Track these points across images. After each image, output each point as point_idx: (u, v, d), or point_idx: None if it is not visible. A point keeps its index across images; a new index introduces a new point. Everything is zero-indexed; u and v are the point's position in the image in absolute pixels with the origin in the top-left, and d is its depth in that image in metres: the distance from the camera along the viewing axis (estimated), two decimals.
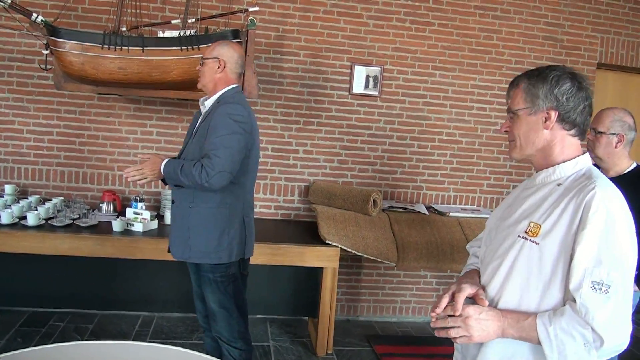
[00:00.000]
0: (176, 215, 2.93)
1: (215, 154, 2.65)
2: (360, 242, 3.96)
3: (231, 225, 2.86)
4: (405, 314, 4.89)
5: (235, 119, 2.73)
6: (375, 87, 4.60)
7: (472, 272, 1.84)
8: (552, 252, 1.55)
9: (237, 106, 2.78)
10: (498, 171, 4.88)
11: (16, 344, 3.85)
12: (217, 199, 2.80)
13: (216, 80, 2.87)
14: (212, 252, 2.82)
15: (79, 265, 4.21)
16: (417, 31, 4.62)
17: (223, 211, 2.83)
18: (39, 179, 4.44)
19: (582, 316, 1.46)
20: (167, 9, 4.33)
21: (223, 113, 2.73)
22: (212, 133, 2.71)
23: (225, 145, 2.68)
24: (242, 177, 2.85)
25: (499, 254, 1.69)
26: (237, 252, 2.89)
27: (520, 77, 1.71)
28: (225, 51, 2.88)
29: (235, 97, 2.86)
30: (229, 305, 2.91)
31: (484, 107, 4.79)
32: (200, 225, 2.82)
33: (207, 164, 2.63)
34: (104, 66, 3.70)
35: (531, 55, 4.79)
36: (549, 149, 1.67)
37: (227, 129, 2.71)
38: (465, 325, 1.58)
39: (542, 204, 1.63)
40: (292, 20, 4.49)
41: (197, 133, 2.85)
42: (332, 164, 4.68)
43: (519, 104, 1.68)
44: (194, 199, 2.81)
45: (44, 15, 3.74)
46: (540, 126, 1.65)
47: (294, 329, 4.49)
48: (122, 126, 4.45)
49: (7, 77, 4.31)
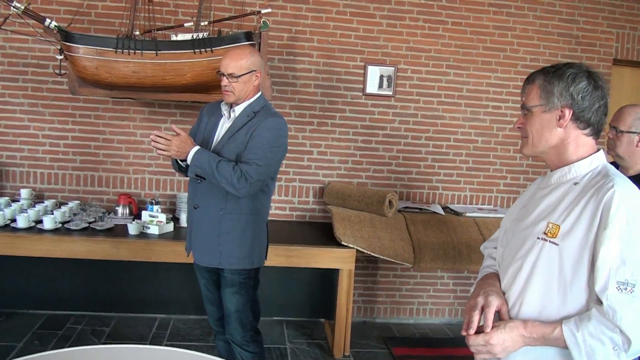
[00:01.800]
0: (203, 222, 2.89)
1: (257, 163, 2.70)
2: (376, 243, 3.93)
3: (261, 230, 2.95)
4: (422, 316, 4.86)
5: (281, 134, 2.82)
6: (389, 87, 4.58)
7: (492, 277, 1.80)
8: (572, 252, 1.53)
9: (281, 120, 2.86)
10: (515, 170, 4.83)
11: (33, 346, 3.88)
12: (250, 205, 2.84)
13: (251, 90, 2.85)
14: (245, 257, 2.86)
15: (95, 268, 4.24)
16: (430, 30, 4.59)
17: (255, 217, 2.89)
18: (55, 183, 4.46)
19: (609, 318, 1.44)
20: (180, 12, 4.34)
21: (270, 127, 2.78)
22: (257, 142, 2.74)
23: (267, 157, 2.75)
24: (271, 184, 2.94)
25: (518, 256, 1.66)
26: (263, 256, 2.99)
27: (536, 73, 1.69)
28: (257, 60, 2.84)
29: (269, 107, 2.93)
30: (245, 308, 2.93)
31: (499, 105, 4.74)
32: (233, 232, 2.83)
33: (247, 171, 2.67)
34: (118, 70, 3.71)
35: (546, 52, 4.73)
36: (563, 147, 1.65)
37: (273, 142, 2.78)
38: (490, 352, 1.58)
39: (560, 204, 1.61)
40: (304, 22, 4.48)
41: (232, 138, 2.81)
42: (347, 164, 4.66)
43: (533, 100, 1.66)
44: (225, 205, 2.81)
45: (58, 20, 3.76)
46: (554, 124, 1.63)
47: (310, 331, 4.47)
48: (137, 129, 4.47)
49: (21, 83, 4.35)
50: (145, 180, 4.52)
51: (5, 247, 3.67)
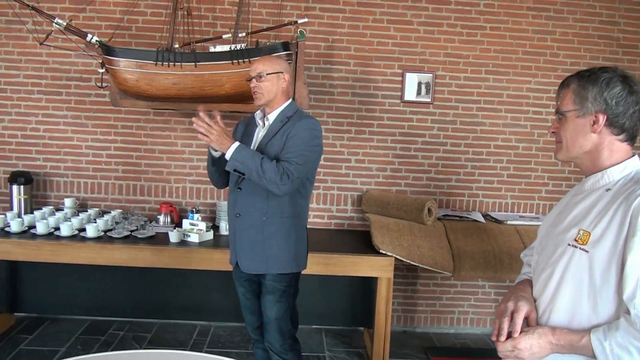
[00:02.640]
0: (246, 229, 2.90)
1: (297, 161, 2.73)
2: (415, 252, 3.89)
3: (302, 234, 2.98)
4: (463, 325, 4.79)
5: (316, 135, 2.87)
6: (427, 94, 4.55)
7: (524, 284, 1.80)
8: (601, 260, 1.50)
9: (316, 121, 2.90)
10: (556, 177, 4.73)
11: (76, 351, 3.98)
12: (291, 209, 2.87)
13: (279, 94, 2.91)
14: (291, 261, 2.90)
15: (137, 276, 4.33)
16: (468, 36, 4.55)
17: (297, 221, 2.93)
18: (97, 192, 4.57)
19: (637, 328, 1.41)
20: (219, 24, 4.40)
21: (306, 127, 2.82)
22: (293, 142, 2.78)
23: (306, 155, 2.78)
24: (309, 187, 2.97)
25: (550, 262, 1.65)
26: (305, 260, 3.02)
27: (571, 78, 1.67)
28: (283, 64, 2.93)
29: (302, 110, 2.98)
30: (285, 316, 2.94)
31: (540, 110, 4.65)
32: (277, 236, 2.86)
33: (287, 168, 2.70)
34: (158, 82, 3.79)
35: (587, 55, 4.62)
36: (597, 153, 1.62)
37: (310, 141, 2.82)
38: (517, 357, 1.58)
39: (591, 211, 1.59)
40: (341, 30, 4.49)
41: (268, 143, 2.85)
42: (385, 172, 4.64)
43: (567, 105, 1.65)
44: (267, 210, 2.84)
45: (99, 35, 3.87)
46: (588, 129, 1.61)
47: (349, 340, 4.46)
48: (178, 139, 4.55)
49: (65, 96, 4.48)
50: (186, 189, 4.59)
51: (50, 255, 3.76)
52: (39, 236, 3.83)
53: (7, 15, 4.33)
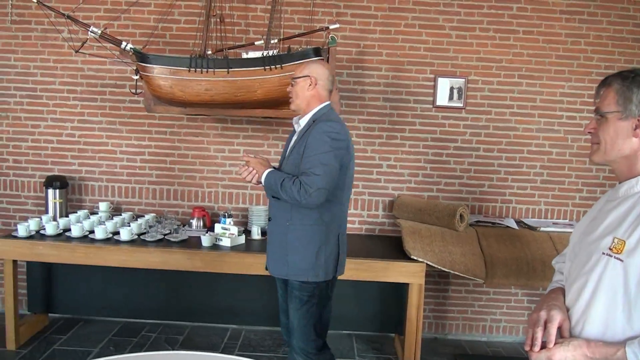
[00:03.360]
0: (274, 233, 2.97)
1: (314, 171, 2.69)
2: (446, 258, 3.86)
3: (327, 242, 2.89)
4: (495, 333, 4.73)
5: (332, 137, 2.77)
6: (459, 98, 4.51)
7: (557, 292, 1.75)
8: (637, 269, 1.45)
9: (333, 123, 2.82)
10: (591, 183, 4.64)
11: (109, 352, 4.05)
12: (314, 215, 2.83)
13: (309, 98, 2.92)
14: (310, 269, 2.85)
15: (170, 279, 4.38)
16: (501, 40, 4.50)
17: (320, 228, 2.86)
18: (131, 197, 4.64)
19: None
20: (251, 30, 4.44)
21: (319, 131, 2.77)
22: (309, 151, 2.76)
23: (322, 163, 2.72)
24: (339, 193, 2.89)
25: (584, 271, 1.59)
26: (332, 269, 2.92)
27: (613, 77, 1.60)
28: (315, 68, 2.94)
29: (329, 114, 2.90)
30: (308, 324, 2.91)
31: (573, 115, 4.58)
32: (298, 242, 2.85)
33: (305, 182, 2.68)
34: (191, 88, 3.83)
35: (621, 59, 4.52)
36: (634, 158, 1.57)
37: (324, 146, 2.75)
38: None
39: (626, 218, 1.53)
40: (372, 36, 4.49)
41: (293, 151, 2.88)
42: (417, 177, 4.62)
43: (609, 106, 1.58)
44: (291, 216, 2.85)
45: (133, 43, 3.93)
46: (630, 133, 1.55)
47: (380, 346, 4.44)
48: (211, 145, 4.60)
49: (100, 102, 4.57)
50: (219, 193, 4.63)
51: (85, 257, 3.84)
52: (73, 239, 3.92)
53: (43, 24, 4.43)
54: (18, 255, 3.91)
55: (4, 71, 4.56)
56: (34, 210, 4.64)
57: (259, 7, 4.45)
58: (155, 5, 4.45)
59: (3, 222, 4.67)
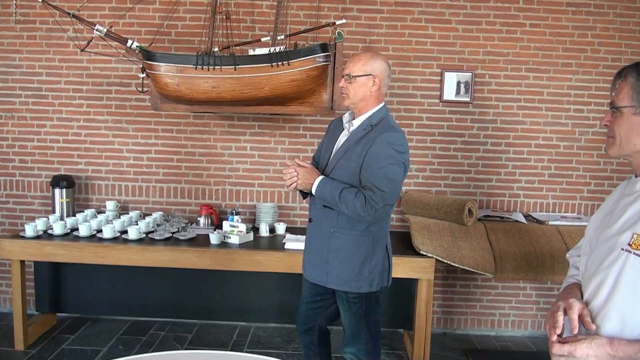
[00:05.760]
0: (315, 237, 2.85)
1: (380, 187, 2.54)
2: (455, 253, 3.85)
3: (374, 253, 2.75)
4: (504, 328, 4.72)
5: (397, 150, 2.62)
6: (466, 93, 4.49)
7: (573, 287, 1.73)
8: None
9: (398, 134, 2.66)
10: (599, 176, 4.63)
11: (118, 351, 4.05)
12: (362, 225, 2.69)
13: (368, 98, 2.74)
14: (352, 281, 2.73)
15: (178, 277, 4.38)
16: (508, 33, 4.48)
17: (367, 239, 2.72)
18: (139, 195, 4.64)
19: None
20: (257, 27, 4.42)
21: (384, 142, 2.61)
22: (374, 163, 2.60)
23: (388, 178, 2.58)
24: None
25: (602, 267, 1.56)
26: (378, 281, 2.79)
27: (628, 69, 1.56)
28: (378, 66, 2.74)
29: (388, 119, 2.75)
30: (359, 326, 2.84)
31: (581, 108, 4.56)
32: (342, 252, 2.73)
33: (371, 197, 2.53)
34: (198, 86, 3.82)
35: (628, 51, 4.50)
36: None
37: (390, 159, 2.60)
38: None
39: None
40: (379, 31, 4.47)
41: (345, 154, 2.72)
42: (425, 173, 4.60)
43: (624, 100, 1.54)
44: (337, 223, 2.72)
45: (139, 41, 3.92)
46: None
47: (389, 342, 4.43)
48: (217, 142, 4.59)
49: (106, 101, 4.56)
50: (226, 191, 4.63)
51: (92, 257, 3.84)
52: (81, 238, 3.92)
53: (48, 24, 4.42)
54: (26, 255, 3.91)
55: (9, 71, 4.55)
56: (41, 210, 4.64)
57: (264, 3, 4.44)
58: (160, 2, 4.44)
59: (10, 223, 4.67)
